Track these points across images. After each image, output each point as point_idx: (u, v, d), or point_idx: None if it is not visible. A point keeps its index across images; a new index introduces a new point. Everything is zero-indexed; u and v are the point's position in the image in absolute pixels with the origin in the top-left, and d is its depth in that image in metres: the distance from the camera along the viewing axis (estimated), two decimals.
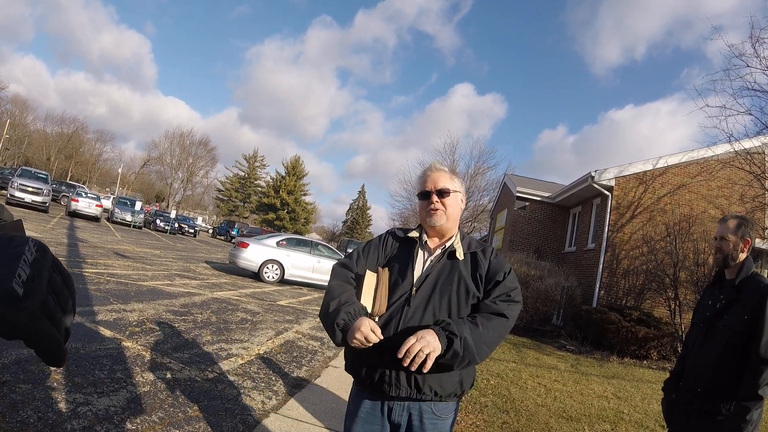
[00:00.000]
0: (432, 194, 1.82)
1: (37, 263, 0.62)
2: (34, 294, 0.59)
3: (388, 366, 1.62)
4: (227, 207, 64.00)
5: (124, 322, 5.53)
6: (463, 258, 1.78)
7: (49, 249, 0.65)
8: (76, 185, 34.55)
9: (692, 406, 2.30)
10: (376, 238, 1.95)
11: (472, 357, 1.55)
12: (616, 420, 5.17)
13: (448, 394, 1.68)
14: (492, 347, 1.64)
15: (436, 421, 1.71)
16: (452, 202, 1.83)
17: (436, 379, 1.63)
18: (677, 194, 12.21)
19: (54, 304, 0.64)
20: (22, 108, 57.41)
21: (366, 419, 1.72)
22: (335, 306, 1.63)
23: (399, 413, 1.69)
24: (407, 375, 1.61)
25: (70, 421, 2.91)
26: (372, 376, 1.66)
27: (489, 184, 29.11)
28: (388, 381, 1.64)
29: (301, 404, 4.12)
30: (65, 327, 0.66)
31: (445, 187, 1.82)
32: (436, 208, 1.80)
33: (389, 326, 1.66)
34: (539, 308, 11.03)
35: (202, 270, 13.33)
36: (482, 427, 4.30)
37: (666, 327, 9.49)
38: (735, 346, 2.20)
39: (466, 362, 1.56)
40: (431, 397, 1.65)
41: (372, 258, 1.85)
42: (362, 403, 1.74)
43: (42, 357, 0.64)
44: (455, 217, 1.85)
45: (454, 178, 1.88)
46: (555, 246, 16.12)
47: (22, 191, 19.82)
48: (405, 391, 1.63)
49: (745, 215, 2.50)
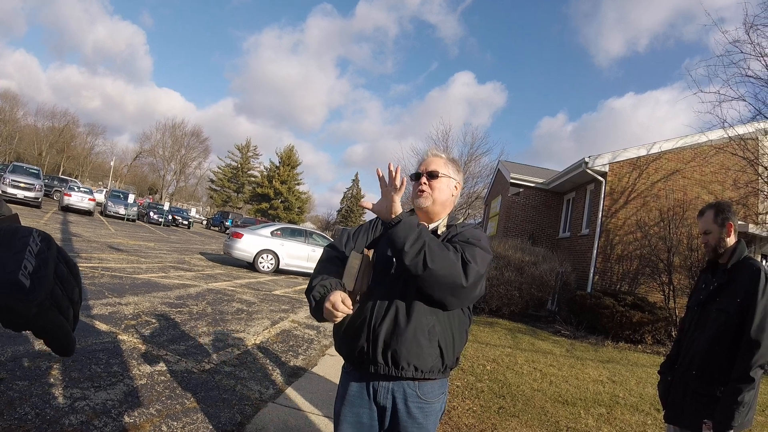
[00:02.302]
0: (422, 176, 1.84)
1: (42, 254, 0.61)
2: (42, 285, 0.59)
3: (365, 342, 1.65)
4: (221, 197, 63.73)
5: (119, 316, 5.52)
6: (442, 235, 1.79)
7: (54, 239, 0.65)
8: (68, 180, 34.18)
9: (687, 389, 2.33)
10: (367, 222, 1.99)
11: (423, 248, 1.49)
12: (612, 404, 5.22)
13: (429, 369, 1.66)
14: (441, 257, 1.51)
15: (423, 405, 1.70)
16: (440, 186, 1.83)
17: (414, 352, 1.62)
18: (671, 180, 12.25)
19: (61, 293, 0.64)
20: (13, 103, 56.82)
21: (353, 402, 1.73)
22: (315, 282, 1.69)
23: (383, 395, 1.69)
24: (383, 350, 1.63)
25: (68, 416, 2.91)
26: (353, 352, 1.69)
27: (483, 170, 29.04)
28: (366, 358, 1.66)
29: (299, 393, 4.14)
30: (73, 316, 0.67)
31: (435, 169, 1.83)
32: (422, 189, 1.81)
33: (368, 302, 1.68)
34: (534, 294, 11.09)
35: (197, 261, 13.30)
36: (478, 412, 4.33)
37: (660, 312, 9.56)
38: (728, 328, 2.22)
39: (418, 246, 1.49)
40: (412, 373, 1.64)
41: (361, 241, 1.88)
42: (350, 385, 1.75)
43: (51, 347, 0.64)
44: (443, 201, 1.84)
45: (449, 165, 1.88)
46: (549, 232, 16.17)
47: (14, 187, 19.60)
48: (383, 368, 1.64)
49: (719, 201, 2.53)
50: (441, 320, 1.67)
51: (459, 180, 1.91)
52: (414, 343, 1.62)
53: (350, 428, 1.74)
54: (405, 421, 1.69)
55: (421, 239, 1.50)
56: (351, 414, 1.74)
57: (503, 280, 10.87)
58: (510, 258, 11.52)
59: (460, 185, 1.92)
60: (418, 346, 1.63)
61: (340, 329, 1.74)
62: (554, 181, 15.44)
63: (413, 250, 1.49)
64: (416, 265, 1.49)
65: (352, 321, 1.68)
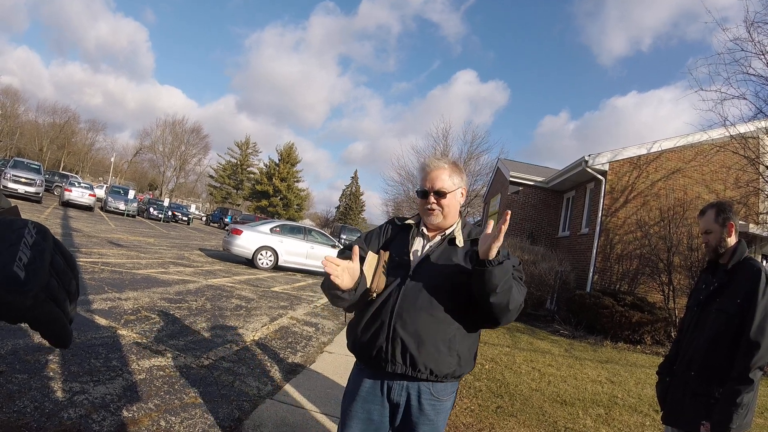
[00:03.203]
0: (429, 194, 1.81)
1: (37, 245, 0.61)
2: (36, 277, 0.58)
3: (384, 341, 1.67)
4: (220, 194, 63.72)
5: (119, 311, 5.52)
6: (463, 245, 1.79)
7: (50, 231, 0.64)
8: (68, 175, 34.21)
9: (686, 389, 2.32)
10: (377, 228, 1.99)
11: (510, 289, 1.58)
12: (610, 404, 5.23)
13: (444, 375, 1.70)
14: (516, 302, 1.62)
15: (435, 402, 1.73)
16: (450, 202, 1.82)
17: (433, 357, 1.66)
18: (671, 179, 12.22)
19: (57, 285, 0.63)
20: (14, 99, 56.73)
21: (366, 398, 1.75)
22: None
23: (398, 392, 1.72)
24: (402, 351, 1.66)
25: (66, 410, 2.91)
26: (370, 352, 1.70)
27: (482, 168, 29.04)
28: (384, 357, 1.67)
29: (297, 390, 4.14)
30: (70, 308, 0.66)
31: (442, 188, 1.80)
32: (432, 208, 1.81)
33: (387, 303, 1.71)
34: (533, 293, 11.08)
35: (196, 257, 13.30)
36: (477, 412, 4.33)
37: (660, 312, 9.56)
38: (727, 329, 2.21)
39: (506, 288, 1.56)
40: (427, 375, 1.68)
41: (374, 244, 1.90)
42: (363, 381, 1.77)
43: (48, 339, 0.64)
44: (454, 213, 1.84)
45: (454, 175, 1.84)
46: (549, 231, 16.16)
47: (15, 182, 19.66)
48: (400, 367, 1.67)
49: (720, 201, 2.52)
50: (461, 330, 1.72)
51: (464, 185, 1.90)
52: (434, 350, 1.67)
53: (359, 424, 1.76)
54: (417, 418, 1.72)
55: (509, 282, 1.58)
56: (362, 410, 1.76)
57: None
58: None
59: (465, 189, 1.91)
60: (438, 353, 1.67)
61: (357, 328, 1.76)
62: (554, 180, 15.42)
63: (503, 291, 1.57)
64: (500, 303, 1.59)
65: (369, 322, 1.71)
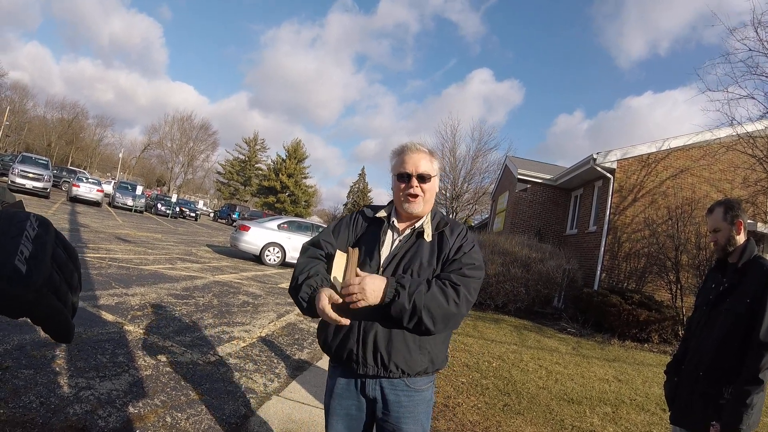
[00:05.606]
0: (412, 178, 1.74)
1: (39, 239, 0.60)
2: (38, 270, 0.58)
3: (355, 344, 1.64)
4: (228, 190, 63.93)
5: (125, 306, 5.54)
6: (431, 239, 1.75)
7: (52, 224, 0.64)
8: (76, 170, 34.39)
9: (694, 390, 2.30)
10: (347, 217, 1.91)
11: (420, 317, 1.53)
12: (617, 403, 5.20)
13: (416, 372, 1.68)
14: (439, 313, 1.55)
15: (411, 393, 1.71)
16: (431, 188, 1.78)
17: (402, 357, 1.63)
18: (680, 178, 12.12)
19: (59, 278, 0.62)
20: (22, 94, 57.16)
21: (342, 395, 1.75)
22: (301, 280, 1.64)
23: (372, 388, 1.71)
24: (373, 353, 1.63)
25: (72, 406, 2.92)
26: (341, 354, 1.68)
27: (490, 166, 28.94)
28: (356, 359, 1.65)
29: (303, 386, 4.14)
30: (72, 302, 0.66)
31: (426, 171, 1.75)
32: (416, 194, 1.74)
33: None
34: (540, 291, 11.04)
35: (204, 253, 13.35)
36: (484, 410, 4.32)
37: (667, 310, 9.49)
38: (737, 329, 2.18)
39: (415, 320, 1.54)
40: (399, 375, 1.66)
41: (342, 237, 1.83)
42: (337, 379, 1.76)
43: (50, 333, 0.64)
44: (432, 200, 1.81)
45: (434, 160, 1.80)
46: (556, 228, 16.09)
47: (23, 177, 19.82)
48: (372, 369, 1.65)
49: (729, 198, 2.48)
50: None
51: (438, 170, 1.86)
52: (405, 350, 1.64)
53: (340, 420, 1.76)
54: (396, 411, 1.70)
55: (416, 314, 1.54)
56: (340, 407, 1.76)
57: (509, 277, 10.83)
58: (516, 254, 11.48)
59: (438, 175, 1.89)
60: (409, 353, 1.65)
61: (327, 330, 1.73)
62: (562, 178, 15.34)
63: (413, 324, 1.56)
64: (420, 332, 1.60)
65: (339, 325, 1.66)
